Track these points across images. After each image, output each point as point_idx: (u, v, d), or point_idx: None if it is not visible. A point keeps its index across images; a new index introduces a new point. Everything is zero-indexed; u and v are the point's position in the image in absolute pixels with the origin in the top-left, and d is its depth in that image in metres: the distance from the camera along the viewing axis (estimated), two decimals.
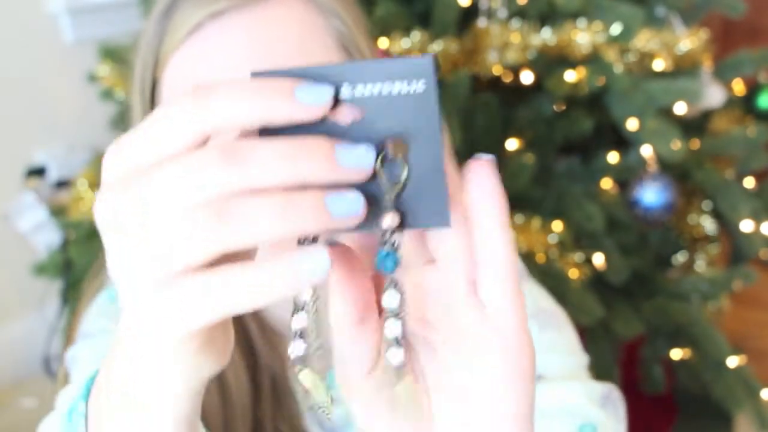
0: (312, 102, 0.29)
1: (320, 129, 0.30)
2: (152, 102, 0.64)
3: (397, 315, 0.31)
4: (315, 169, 0.28)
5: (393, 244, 0.30)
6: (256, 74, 0.30)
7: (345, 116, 0.30)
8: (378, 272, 0.31)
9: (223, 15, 0.59)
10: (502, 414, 0.33)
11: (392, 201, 0.30)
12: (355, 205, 0.29)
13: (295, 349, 0.32)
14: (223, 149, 0.28)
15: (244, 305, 0.28)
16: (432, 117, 0.30)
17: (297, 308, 0.32)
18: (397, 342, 0.31)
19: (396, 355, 0.31)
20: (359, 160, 0.29)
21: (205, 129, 0.29)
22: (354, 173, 0.29)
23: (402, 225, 0.30)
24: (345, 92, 0.30)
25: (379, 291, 0.33)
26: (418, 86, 0.29)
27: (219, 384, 0.67)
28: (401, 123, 0.30)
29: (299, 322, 0.32)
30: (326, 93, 0.29)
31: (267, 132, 0.30)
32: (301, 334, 0.32)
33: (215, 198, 0.28)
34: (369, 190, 0.30)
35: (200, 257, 0.28)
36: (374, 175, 0.30)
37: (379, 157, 0.30)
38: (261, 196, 0.28)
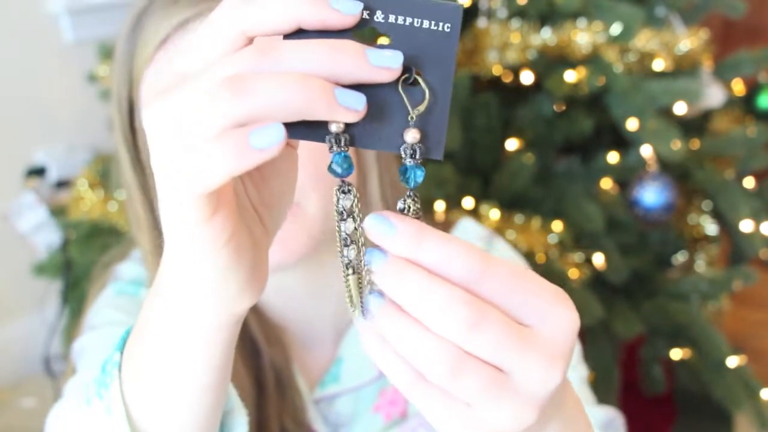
0: (343, 10, 0.32)
1: None
2: (131, 121, 0.64)
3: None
4: (347, 64, 0.31)
5: (416, 158, 0.33)
6: None
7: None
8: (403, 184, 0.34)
9: (188, 24, 0.59)
10: None
11: (415, 119, 0.33)
12: (360, 99, 0.31)
13: (348, 254, 0.35)
14: (259, 44, 0.31)
15: (228, 168, 0.30)
16: (450, 56, 0.33)
17: (345, 216, 0.35)
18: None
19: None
20: (389, 61, 0.32)
21: (244, 30, 0.31)
22: (384, 72, 0.31)
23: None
24: (379, 17, 0.32)
25: None
26: (444, 28, 0.33)
27: None
28: (422, 54, 0.33)
29: (349, 228, 0.35)
30: (357, 5, 0.32)
31: None
32: (352, 240, 0.35)
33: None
34: (386, 109, 0.33)
35: (216, 124, 0.30)
36: (387, 99, 0.33)
37: (401, 79, 0.33)
38: (278, 75, 0.30)
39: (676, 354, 1.36)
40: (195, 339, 0.38)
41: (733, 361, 1.28)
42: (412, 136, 0.33)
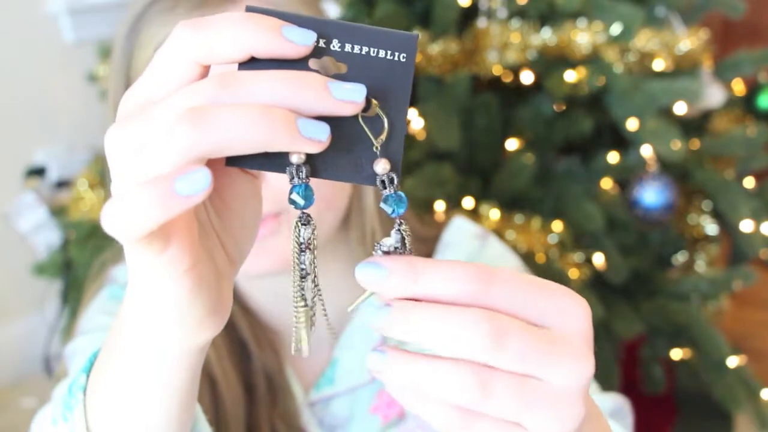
0: (296, 41, 0.31)
1: None
2: None
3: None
4: (309, 97, 0.30)
5: (395, 186, 0.33)
6: (250, 8, 0.32)
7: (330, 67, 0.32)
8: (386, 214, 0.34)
9: None
10: None
11: (380, 148, 0.33)
12: (323, 130, 0.31)
13: (304, 288, 0.34)
14: (222, 75, 0.30)
15: (154, 216, 0.29)
16: (405, 86, 0.33)
17: (303, 248, 0.34)
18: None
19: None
20: (352, 94, 0.31)
21: (196, 60, 0.31)
22: (347, 106, 0.31)
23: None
24: (335, 46, 0.32)
25: None
26: (400, 57, 0.33)
27: (211, 393, 0.67)
28: (379, 84, 0.33)
29: (308, 261, 0.34)
30: (310, 36, 0.31)
31: None
32: (308, 276, 0.34)
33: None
34: (346, 140, 0.32)
35: (174, 160, 0.29)
36: (346, 130, 0.32)
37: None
38: (239, 107, 0.29)
39: (676, 354, 1.36)
40: (157, 367, 0.37)
41: (733, 361, 1.28)
42: (381, 167, 0.32)
